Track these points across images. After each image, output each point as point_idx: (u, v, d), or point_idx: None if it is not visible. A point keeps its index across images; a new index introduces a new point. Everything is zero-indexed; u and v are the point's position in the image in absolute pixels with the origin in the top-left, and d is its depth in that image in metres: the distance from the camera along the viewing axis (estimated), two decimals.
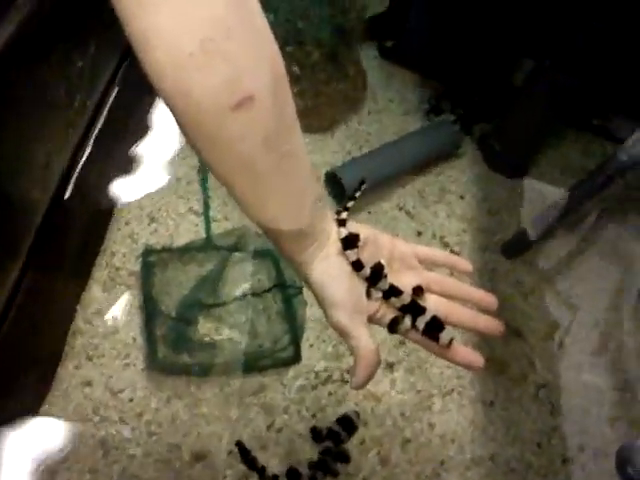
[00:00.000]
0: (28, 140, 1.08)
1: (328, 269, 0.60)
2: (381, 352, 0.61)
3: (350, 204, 0.65)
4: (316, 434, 1.23)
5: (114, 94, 1.38)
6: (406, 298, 0.62)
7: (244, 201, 0.55)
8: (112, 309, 1.33)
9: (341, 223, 0.62)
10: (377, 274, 0.61)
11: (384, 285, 0.62)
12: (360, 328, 0.60)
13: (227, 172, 0.53)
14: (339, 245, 0.61)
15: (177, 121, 0.51)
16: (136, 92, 1.50)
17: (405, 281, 0.63)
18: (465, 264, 0.67)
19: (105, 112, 1.35)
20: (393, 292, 0.62)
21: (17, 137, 1.04)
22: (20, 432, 1.15)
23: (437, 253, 0.67)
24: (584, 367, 1.46)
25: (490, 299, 0.65)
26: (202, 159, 0.54)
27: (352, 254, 0.61)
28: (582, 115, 1.86)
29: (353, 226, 0.62)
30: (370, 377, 0.61)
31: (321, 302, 0.61)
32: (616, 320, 1.54)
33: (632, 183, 1.62)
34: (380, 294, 0.62)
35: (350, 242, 0.61)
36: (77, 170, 1.25)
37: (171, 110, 0.50)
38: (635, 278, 1.63)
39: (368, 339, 0.60)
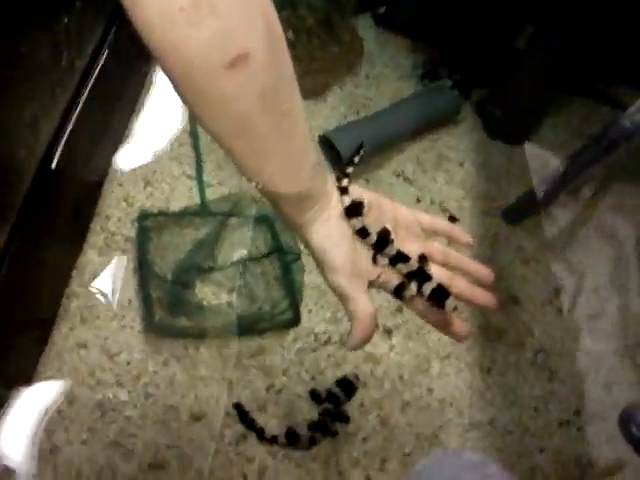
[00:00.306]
0: (11, 97, 1.05)
1: (329, 233, 0.60)
2: (379, 318, 0.61)
3: (349, 170, 0.64)
4: (315, 396, 1.23)
5: (105, 56, 1.35)
6: (413, 264, 0.62)
7: (242, 163, 0.54)
8: (108, 273, 1.31)
9: (343, 191, 0.61)
10: (384, 240, 0.61)
11: (391, 251, 0.61)
12: (359, 292, 0.60)
13: (223, 132, 0.52)
14: (340, 209, 0.60)
15: (170, 79, 0.50)
16: (128, 55, 1.48)
17: (410, 248, 0.63)
18: (466, 237, 0.68)
19: (96, 73, 1.31)
20: (400, 258, 0.61)
21: None
22: (15, 394, 1.13)
23: (439, 222, 0.67)
24: (583, 332, 1.46)
25: (487, 272, 0.66)
26: (198, 120, 0.52)
27: (357, 222, 0.60)
28: (584, 81, 1.84)
29: (356, 191, 0.62)
30: (366, 340, 0.61)
31: (321, 265, 0.61)
32: (616, 286, 1.54)
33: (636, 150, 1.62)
34: (387, 260, 0.62)
35: (354, 210, 0.60)
36: (67, 131, 1.22)
37: (163, 68, 0.49)
38: (636, 246, 1.63)
39: (367, 303, 0.60)
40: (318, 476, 1.17)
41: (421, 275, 0.61)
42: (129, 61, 1.50)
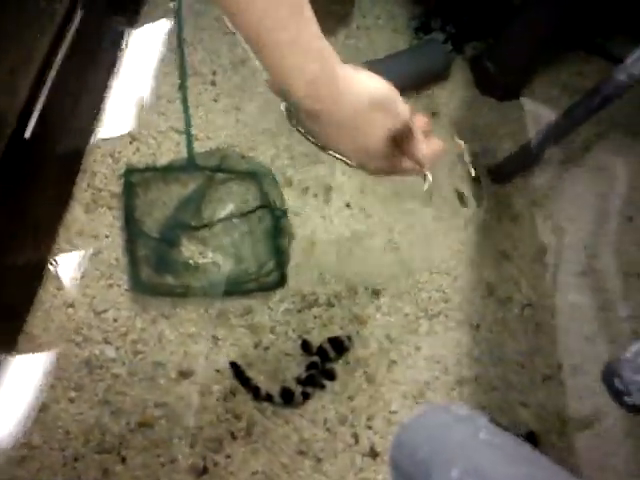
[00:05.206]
0: None
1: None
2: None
3: None
4: (306, 346, 1.24)
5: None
6: None
7: (266, 55, 0.55)
8: (95, 230, 1.29)
9: None
10: None
11: None
12: None
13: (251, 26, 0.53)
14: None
15: None
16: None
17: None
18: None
19: (78, 20, 1.27)
20: None
21: None
22: (2, 354, 1.14)
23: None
24: (569, 288, 1.47)
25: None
26: (228, 16, 0.53)
27: None
28: (581, 34, 1.80)
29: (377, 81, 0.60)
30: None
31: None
32: (601, 242, 1.54)
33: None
34: None
35: None
36: (50, 79, 1.18)
37: None
38: (620, 202, 1.63)
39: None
40: (306, 432, 1.19)
41: None
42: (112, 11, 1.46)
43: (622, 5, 1.68)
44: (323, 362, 1.24)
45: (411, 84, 1.65)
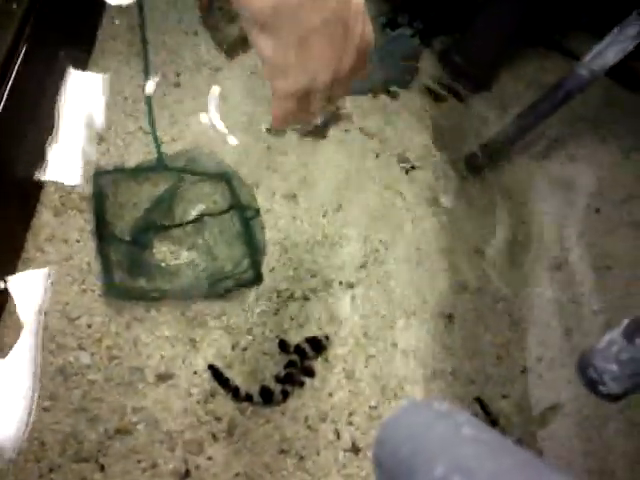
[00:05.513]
0: None
1: None
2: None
3: None
4: (283, 346, 1.24)
5: None
6: None
7: None
8: (65, 235, 1.27)
9: None
10: None
11: None
12: None
13: None
14: None
15: None
16: None
17: None
18: None
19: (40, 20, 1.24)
20: None
21: None
22: None
23: None
24: (543, 282, 1.49)
25: None
26: None
27: None
28: (541, 31, 1.83)
29: None
30: None
31: None
32: (572, 235, 1.57)
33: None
34: None
35: None
36: (10, 80, 1.15)
37: None
38: (588, 194, 1.66)
39: None
40: (288, 431, 1.18)
41: None
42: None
43: (577, 3, 1.72)
44: (302, 360, 1.24)
45: (383, 77, 1.66)
